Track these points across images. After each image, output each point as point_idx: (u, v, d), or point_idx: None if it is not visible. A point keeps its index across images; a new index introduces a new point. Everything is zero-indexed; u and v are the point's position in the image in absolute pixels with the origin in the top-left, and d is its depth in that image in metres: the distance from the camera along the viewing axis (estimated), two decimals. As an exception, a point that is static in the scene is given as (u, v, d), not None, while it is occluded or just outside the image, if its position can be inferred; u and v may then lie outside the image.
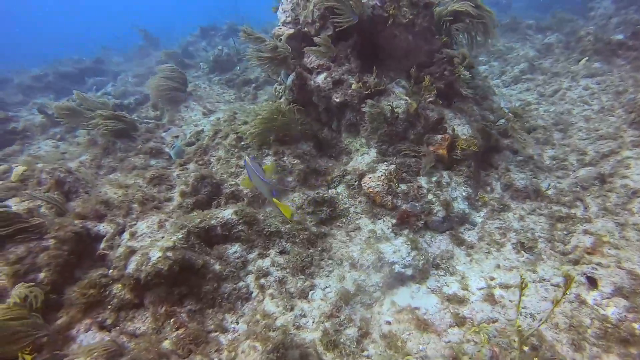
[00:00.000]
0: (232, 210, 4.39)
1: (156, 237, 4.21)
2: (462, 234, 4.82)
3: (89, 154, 6.78)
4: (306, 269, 4.22)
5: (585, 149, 6.20)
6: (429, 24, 5.60)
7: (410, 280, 4.08)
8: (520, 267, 4.17)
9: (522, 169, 5.73)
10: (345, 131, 5.43)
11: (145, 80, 13.61)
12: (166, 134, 7.32)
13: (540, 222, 4.93)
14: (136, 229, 4.35)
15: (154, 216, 4.53)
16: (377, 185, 4.83)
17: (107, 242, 4.45)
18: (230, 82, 9.87)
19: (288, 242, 4.39)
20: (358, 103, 5.20)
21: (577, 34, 10.17)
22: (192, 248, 4.04)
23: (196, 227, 4.16)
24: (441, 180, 5.02)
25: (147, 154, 6.55)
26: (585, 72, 8.33)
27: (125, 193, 4.98)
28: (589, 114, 7.24)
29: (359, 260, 4.21)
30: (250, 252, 4.33)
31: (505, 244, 4.64)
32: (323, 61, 5.39)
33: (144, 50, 17.38)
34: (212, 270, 4.00)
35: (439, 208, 4.78)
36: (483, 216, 5.06)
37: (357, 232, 4.69)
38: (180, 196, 4.98)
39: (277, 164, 5.09)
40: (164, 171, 5.51)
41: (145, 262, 3.73)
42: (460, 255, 4.54)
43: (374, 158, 5.08)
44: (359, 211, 4.90)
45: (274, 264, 4.22)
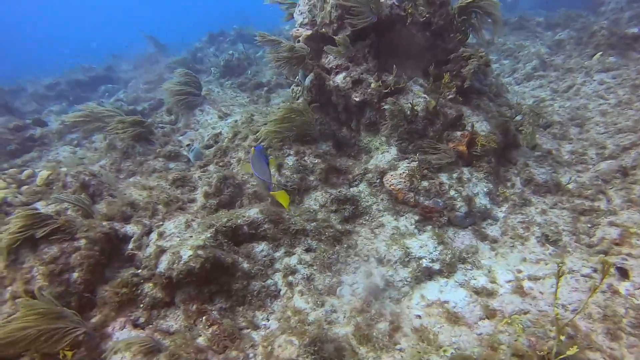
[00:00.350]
0: (257, 209, 4.44)
1: (184, 237, 4.27)
2: (484, 229, 4.83)
3: (108, 158, 6.88)
4: (333, 266, 4.25)
5: (605, 143, 6.20)
6: (445, 22, 5.64)
7: (438, 275, 4.10)
8: (547, 260, 4.17)
9: (541, 164, 5.73)
10: (365, 130, 5.47)
11: (157, 86, 13.80)
12: (183, 138, 7.40)
13: (563, 216, 4.93)
14: (164, 229, 4.41)
15: (180, 216, 4.59)
16: (399, 182, 4.86)
17: (135, 242, 4.51)
18: (242, 86, 9.96)
19: (314, 239, 4.43)
20: (377, 102, 5.24)
21: (589, 30, 10.15)
22: (220, 247, 4.09)
23: (224, 226, 4.21)
24: (462, 176, 5.04)
25: (166, 157, 6.63)
26: (600, 66, 8.32)
27: (150, 195, 5.06)
28: (606, 108, 7.23)
29: (386, 256, 4.24)
30: (276, 250, 4.37)
31: (529, 238, 4.64)
32: (341, 61, 5.44)
33: (153, 57, 17.56)
34: (241, 269, 4.05)
35: (462, 204, 4.80)
36: (505, 211, 5.07)
37: (381, 229, 4.72)
38: (203, 197, 5.04)
39: (279, 160, 5.14)
40: (186, 173, 5.58)
41: (176, 261, 3.78)
42: (484, 249, 4.56)
43: (394, 156, 5.11)
44: (381, 208, 4.93)
45: (300, 261, 4.26)
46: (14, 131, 9.72)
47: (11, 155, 8.95)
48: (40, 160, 8.66)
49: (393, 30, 5.41)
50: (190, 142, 7.07)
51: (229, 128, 6.47)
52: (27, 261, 4.16)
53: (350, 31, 5.38)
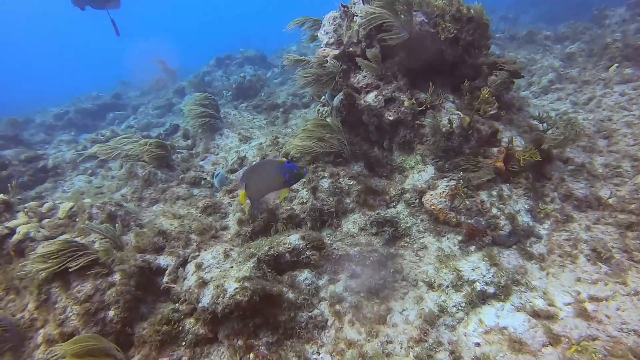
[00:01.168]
0: (298, 236, 4.28)
1: (225, 268, 4.09)
2: (529, 248, 4.66)
3: (129, 187, 6.73)
4: (380, 292, 4.07)
5: (637, 155, 6.08)
6: (472, 38, 5.59)
7: (493, 299, 3.91)
8: (605, 280, 3.99)
9: (577, 178, 5.59)
10: (398, 149, 5.35)
11: (167, 112, 13.77)
12: (204, 162, 7.27)
13: (609, 232, 4.77)
14: (201, 260, 4.23)
15: (217, 246, 4.42)
16: (439, 201, 4.72)
17: (170, 275, 4.34)
18: (257, 108, 9.90)
19: (358, 265, 4.25)
20: (412, 120, 5.14)
21: (600, 42, 10.18)
22: (264, 277, 3.91)
23: (266, 254, 4.05)
24: (502, 193, 4.90)
25: (189, 183, 6.49)
26: (619, 78, 8.28)
27: (181, 224, 4.89)
28: (631, 119, 7.14)
29: (436, 280, 4.06)
30: (320, 277, 4.20)
31: (579, 256, 4.47)
32: (371, 80, 5.37)
33: (161, 82, 17.59)
34: (287, 299, 3.86)
35: (505, 222, 4.64)
36: (548, 228, 4.90)
37: (425, 250, 4.55)
38: (237, 224, 4.88)
39: (289, 192, 4.92)
40: (216, 199, 5.43)
41: (222, 295, 3.60)
42: (533, 270, 4.38)
43: (432, 175, 4.98)
44: (422, 229, 4.77)
45: (346, 288, 4.07)
46: (25, 162, 9.60)
47: (24, 188, 8.79)
48: (55, 190, 8.50)
49: (422, 47, 5.34)
50: (213, 167, 6.93)
51: (256, 151, 6.34)
52: (59, 300, 3.97)
53: (379, 49, 5.31)
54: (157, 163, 6.61)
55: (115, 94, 16.84)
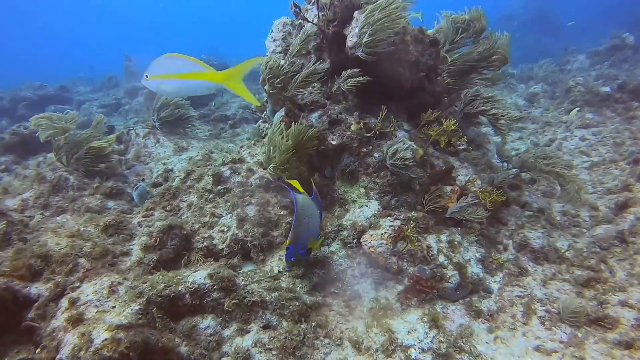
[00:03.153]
0: (205, 273, 3.50)
1: (105, 308, 3.25)
2: (478, 304, 4.08)
3: (33, 191, 5.74)
4: (297, 351, 3.33)
5: (596, 204, 5.72)
6: (434, 63, 5.10)
7: (429, 369, 3.26)
8: (563, 351, 3.43)
9: (534, 225, 5.12)
10: (341, 179, 4.70)
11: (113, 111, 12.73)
12: (129, 172, 6.39)
13: (565, 290, 4.27)
14: (79, 295, 3.38)
15: (104, 277, 3.58)
16: (380, 244, 4.08)
17: (39, 309, 3.44)
18: (204, 118, 9.10)
19: (274, 314, 3.51)
20: (358, 147, 4.52)
21: (562, 84, 10.12)
22: (152, 324, 3.10)
23: (159, 295, 3.24)
24: (453, 238, 4.33)
25: (105, 194, 5.59)
26: (580, 122, 8.08)
27: (71, 243, 4.01)
28: (591, 165, 6.86)
29: (364, 341, 3.38)
30: (226, 326, 3.42)
31: (532, 317, 3.92)
32: (318, 97, 4.74)
33: (113, 81, 16.47)
34: (177, 353, 3.06)
35: (453, 272, 4.05)
36: (499, 282, 4.36)
37: (357, 301, 3.87)
38: (141, 250, 4.05)
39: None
40: (123, 217, 4.58)
41: (85, 346, 2.77)
42: (480, 331, 3.78)
43: (375, 212, 4.35)
44: (357, 274, 4.10)
45: (256, 343, 3.32)
46: None
47: None
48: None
49: (377, 68, 4.77)
50: (137, 178, 6.07)
51: (185, 164, 5.55)
52: None
53: (329, 64, 4.71)
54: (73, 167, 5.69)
55: (62, 86, 15.55)
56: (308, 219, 3.41)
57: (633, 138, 7.27)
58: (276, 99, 4.92)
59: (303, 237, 3.46)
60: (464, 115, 5.27)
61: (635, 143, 7.11)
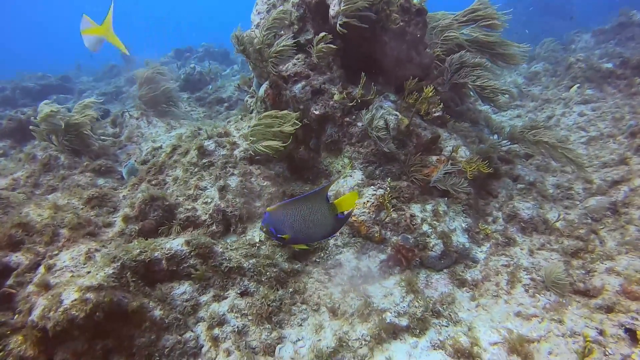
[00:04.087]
0: (182, 240, 3.49)
1: (80, 273, 3.26)
2: (463, 273, 4.02)
3: (25, 170, 5.78)
4: (273, 316, 3.32)
5: (590, 177, 5.59)
6: (421, 33, 4.99)
7: (406, 333, 3.22)
8: (541, 315, 3.37)
9: (525, 197, 5.03)
10: (325, 150, 4.65)
11: (113, 99, 12.76)
12: (121, 152, 6.40)
13: (552, 259, 4.19)
14: (55, 261, 3.39)
15: (82, 245, 3.58)
16: (362, 212, 4.03)
17: (17, 277, 3.46)
18: (200, 101, 9.08)
19: (252, 280, 3.49)
20: (341, 117, 4.46)
21: (565, 62, 9.89)
22: (125, 287, 3.10)
23: (133, 259, 3.23)
24: (438, 208, 4.27)
25: (95, 171, 5.60)
26: (579, 98, 7.90)
27: (52, 215, 4.02)
28: (587, 140, 6.71)
29: (340, 306, 3.34)
30: (203, 293, 3.41)
31: (516, 285, 3.85)
32: (302, 69, 4.67)
33: (115, 70, 16.51)
34: (150, 317, 3.05)
35: (436, 241, 4.00)
36: (486, 251, 4.29)
37: (338, 269, 3.84)
38: (122, 221, 4.06)
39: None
40: (108, 191, 4.58)
41: (54, 307, 2.77)
42: (463, 299, 3.73)
43: (359, 181, 4.30)
44: (339, 244, 4.06)
45: (232, 308, 3.31)
46: None
47: None
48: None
49: (362, 38, 4.69)
50: (127, 157, 6.07)
51: (174, 140, 5.53)
52: None
53: (313, 34, 4.64)
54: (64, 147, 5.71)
55: (64, 76, 15.63)
56: (313, 225, 2.94)
57: (633, 112, 7.09)
58: (260, 72, 4.87)
59: (292, 230, 2.95)
60: (452, 85, 5.16)
61: (634, 117, 6.93)
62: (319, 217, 2.91)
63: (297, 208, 2.89)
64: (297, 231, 2.91)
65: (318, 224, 2.92)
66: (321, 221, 2.92)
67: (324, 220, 2.91)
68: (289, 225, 2.90)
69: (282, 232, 2.92)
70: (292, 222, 2.91)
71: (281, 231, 2.92)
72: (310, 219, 2.90)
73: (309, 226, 2.91)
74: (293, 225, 2.90)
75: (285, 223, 2.91)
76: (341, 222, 2.99)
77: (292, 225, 2.90)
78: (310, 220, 2.90)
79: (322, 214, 2.90)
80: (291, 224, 2.90)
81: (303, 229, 2.91)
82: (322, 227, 2.93)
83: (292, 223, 2.91)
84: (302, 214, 2.90)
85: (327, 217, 2.91)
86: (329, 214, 2.91)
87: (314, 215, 2.90)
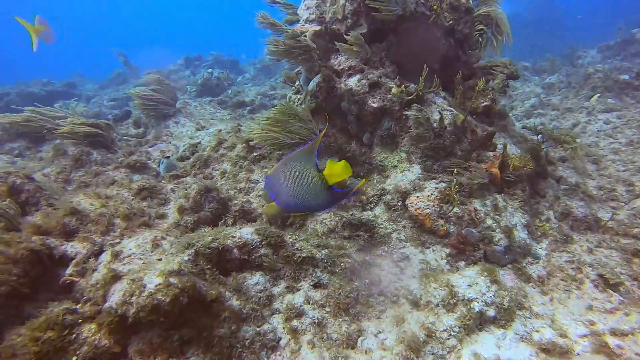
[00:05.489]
0: (252, 229, 3.35)
1: (150, 260, 3.09)
2: (526, 268, 3.93)
3: (54, 166, 5.59)
4: (350, 308, 3.18)
5: (631, 180, 5.61)
6: (469, 31, 5.00)
7: (492, 324, 3.10)
8: (625, 310, 3.28)
9: (572, 198, 5.00)
10: (380, 144, 4.57)
11: (123, 104, 12.59)
12: (152, 149, 6.24)
13: (613, 257, 4.13)
14: (121, 248, 3.21)
15: (146, 232, 3.41)
16: (427, 205, 3.94)
17: (78, 265, 3.27)
18: (223, 104, 8.98)
19: (324, 272, 3.36)
20: (399, 110, 4.40)
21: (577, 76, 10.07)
22: (201, 274, 2.94)
23: (207, 246, 3.08)
24: (497, 203, 4.20)
25: (130, 167, 5.43)
26: (603, 107, 8.00)
27: (104, 204, 3.84)
28: (618, 146, 6.77)
29: (423, 296, 3.22)
30: (275, 284, 3.26)
31: (584, 281, 3.78)
32: (355, 62, 4.62)
33: (121, 77, 16.35)
34: (229, 307, 2.89)
35: (501, 236, 3.91)
36: (546, 248, 4.22)
37: (406, 262, 3.72)
38: (177, 212, 3.89)
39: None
40: (155, 183, 4.42)
41: (137, 292, 2.59)
42: (534, 293, 3.63)
43: (418, 175, 4.21)
44: (402, 238, 3.95)
45: (308, 300, 3.16)
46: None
47: None
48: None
49: (414, 33, 4.68)
50: (162, 153, 5.91)
51: (213, 137, 5.40)
52: None
53: (366, 29, 4.61)
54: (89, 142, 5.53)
55: (69, 82, 15.41)
56: (306, 193, 2.75)
57: (658, 121, 7.20)
58: (311, 66, 4.81)
59: (287, 194, 2.79)
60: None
61: (660, 125, 7.04)
62: (309, 183, 2.75)
63: (291, 170, 2.73)
64: (291, 195, 2.75)
65: (310, 191, 2.76)
66: (312, 189, 2.76)
67: (314, 188, 2.75)
68: (284, 189, 2.75)
69: (280, 196, 2.77)
70: (287, 184, 2.75)
71: (280, 196, 2.77)
72: (303, 184, 2.75)
73: (302, 192, 2.75)
74: (287, 185, 2.75)
75: (282, 186, 2.76)
76: (338, 197, 2.82)
77: (286, 186, 2.75)
78: (303, 186, 2.75)
79: (312, 181, 2.74)
80: (286, 186, 2.75)
81: (297, 193, 2.74)
82: (314, 195, 2.76)
83: (286, 185, 2.75)
84: (295, 175, 2.74)
85: (317, 184, 2.74)
86: (318, 181, 2.73)
87: (305, 180, 2.74)
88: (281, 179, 2.77)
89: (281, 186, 2.77)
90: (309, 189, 2.76)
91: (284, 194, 2.77)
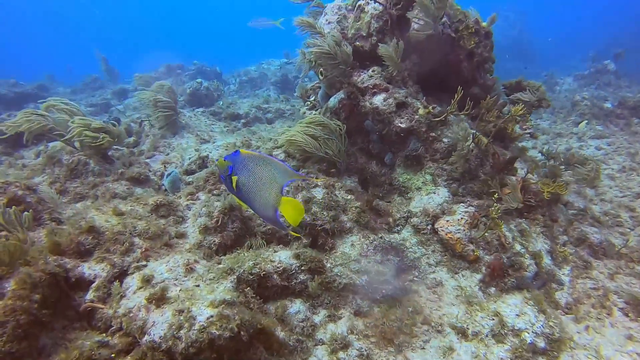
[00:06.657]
0: (290, 253, 3.16)
1: (187, 286, 2.83)
2: (555, 295, 3.91)
3: (47, 175, 5.18)
4: (395, 338, 3.03)
5: (632, 205, 5.77)
6: (488, 55, 5.05)
7: (542, 355, 3.03)
8: (665, 339, 3.29)
9: (581, 223, 5.08)
10: (403, 165, 4.49)
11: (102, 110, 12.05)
12: (151, 160, 5.92)
13: (633, 284, 4.19)
14: (151, 272, 2.94)
15: (175, 255, 3.15)
16: (457, 229, 3.86)
17: (99, 290, 2.97)
18: (216, 115, 8.70)
19: (365, 299, 3.20)
20: (426, 132, 4.33)
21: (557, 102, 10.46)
22: (247, 304, 2.72)
23: (249, 272, 2.87)
24: (522, 228, 4.18)
25: (131, 180, 5.10)
26: (593, 133, 8.29)
27: (122, 221, 3.54)
28: (612, 172, 6.99)
29: (470, 326, 3.11)
30: (315, 312, 3.08)
31: (613, 309, 3.79)
32: (380, 81, 4.54)
33: (97, 82, 15.67)
34: (277, 339, 2.68)
35: (530, 262, 3.89)
36: (569, 274, 4.23)
37: (440, 288, 3.62)
38: (200, 232, 3.64)
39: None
40: (172, 199, 4.14)
41: (186, 324, 2.35)
42: (566, 321, 3.60)
43: (446, 198, 4.15)
44: (432, 262, 3.86)
45: (351, 329, 2.99)
46: None
47: None
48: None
49: (439, 53, 4.67)
50: (163, 165, 5.61)
51: (222, 151, 5.16)
52: None
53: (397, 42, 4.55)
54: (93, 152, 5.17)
55: (40, 84, 14.61)
56: (258, 196, 2.55)
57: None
58: (332, 82, 4.70)
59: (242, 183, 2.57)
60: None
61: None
62: (267, 193, 2.54)
63: (265, 170, 2.53)
64: (249, 185, 2.54)
65: (264, 199, 2.54)
66: (267, 199, 2.55)
67: (268, 199, 2.54)
68: (247, 176, 2.54)
69: (239, 176, 2.54)
70: (252, 176, 2.54)
71: (239, 176, 2.54)
72: (262, 189, 2.53)
73: (258, 192, 2.54)
74: (251, 177, 2.53)
75: (247, 172, 2.54)
76: (277, 224, 2.59)
77: (251, 175, 2.53)
78: (261, 190, 2.53)
79: (270, 193, 2.53)
80: (249, 176, 2.54)
81: (255, 189, 2.54)
82: (264, 206, 2.56)
83: (252, 176, 2.54)
84: (263, 177, 2.55)
85: (271, 200, 2.54)
86: (274, 198, 2.53)
87: (266, 188, 2.54)
88: (250, 167, 2.51)
89: (246, 171, 2.51)
90: (264, 196, 2.53)
91: (245, 178, 2.53)
